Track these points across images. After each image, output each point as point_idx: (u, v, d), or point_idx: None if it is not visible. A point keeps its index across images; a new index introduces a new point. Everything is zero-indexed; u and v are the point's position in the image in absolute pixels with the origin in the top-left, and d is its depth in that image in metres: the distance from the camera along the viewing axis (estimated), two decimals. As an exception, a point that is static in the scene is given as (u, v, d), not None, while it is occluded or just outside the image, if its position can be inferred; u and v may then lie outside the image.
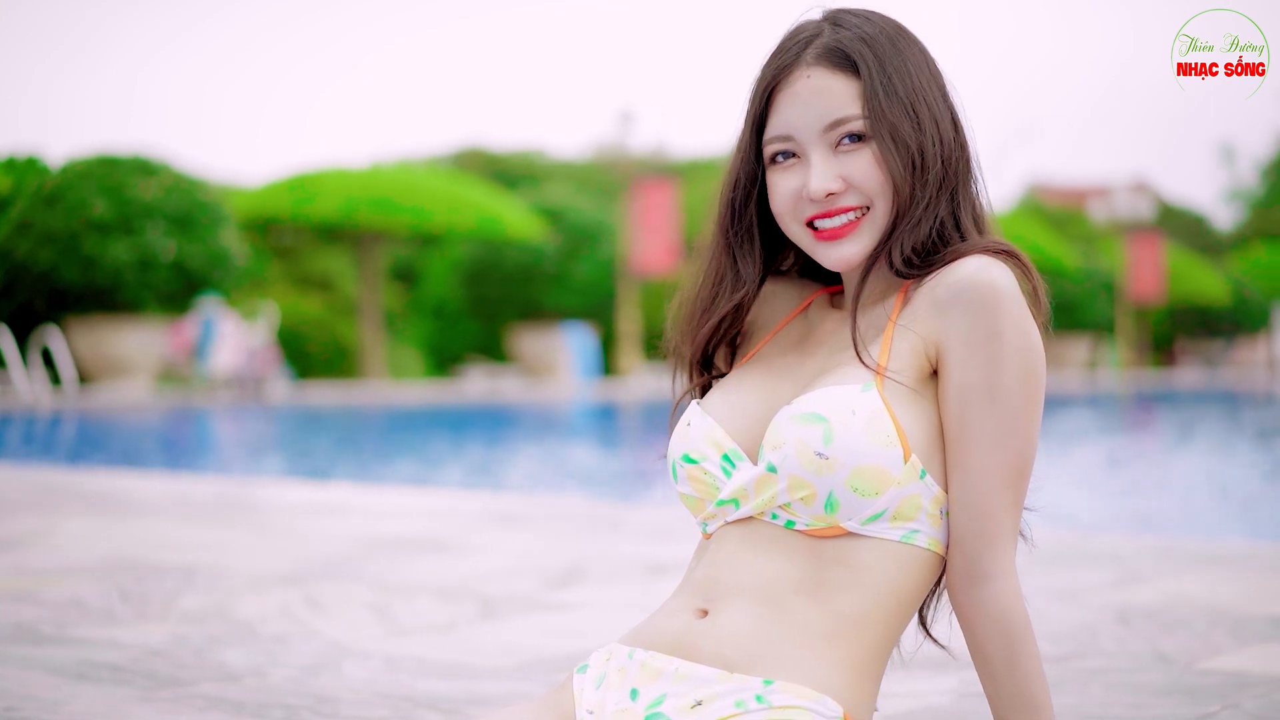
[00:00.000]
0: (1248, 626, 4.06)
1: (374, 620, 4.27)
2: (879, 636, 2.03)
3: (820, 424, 1.96)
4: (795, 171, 2.08)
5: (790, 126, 2.07)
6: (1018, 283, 2.02)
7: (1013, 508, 2.01)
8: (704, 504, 2.10)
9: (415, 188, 29.98)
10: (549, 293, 32.76)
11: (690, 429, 2.13)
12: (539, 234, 31.04)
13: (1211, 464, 13.92)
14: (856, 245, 2.07)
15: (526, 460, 14.31)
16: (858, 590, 2.00)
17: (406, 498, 8.32)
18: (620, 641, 2.11)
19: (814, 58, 2.07)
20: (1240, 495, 11.09)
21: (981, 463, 1.99)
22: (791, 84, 2.07)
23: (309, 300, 31.10)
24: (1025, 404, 2.00)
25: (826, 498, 1.97)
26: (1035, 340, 2.01)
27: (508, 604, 4.56)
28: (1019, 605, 2.01)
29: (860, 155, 2.05)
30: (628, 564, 5.45)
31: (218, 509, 7.45)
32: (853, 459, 1.95)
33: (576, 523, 6.99)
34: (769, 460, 2.00)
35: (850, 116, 2.04)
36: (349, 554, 5.66)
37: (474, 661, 3.72)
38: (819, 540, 2.00)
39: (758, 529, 2.04)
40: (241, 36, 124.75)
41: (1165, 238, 46.04)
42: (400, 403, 25.02)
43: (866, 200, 2.06)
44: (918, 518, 2.00)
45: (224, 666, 3.60)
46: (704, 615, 2.04)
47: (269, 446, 16.05)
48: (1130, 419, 23.60)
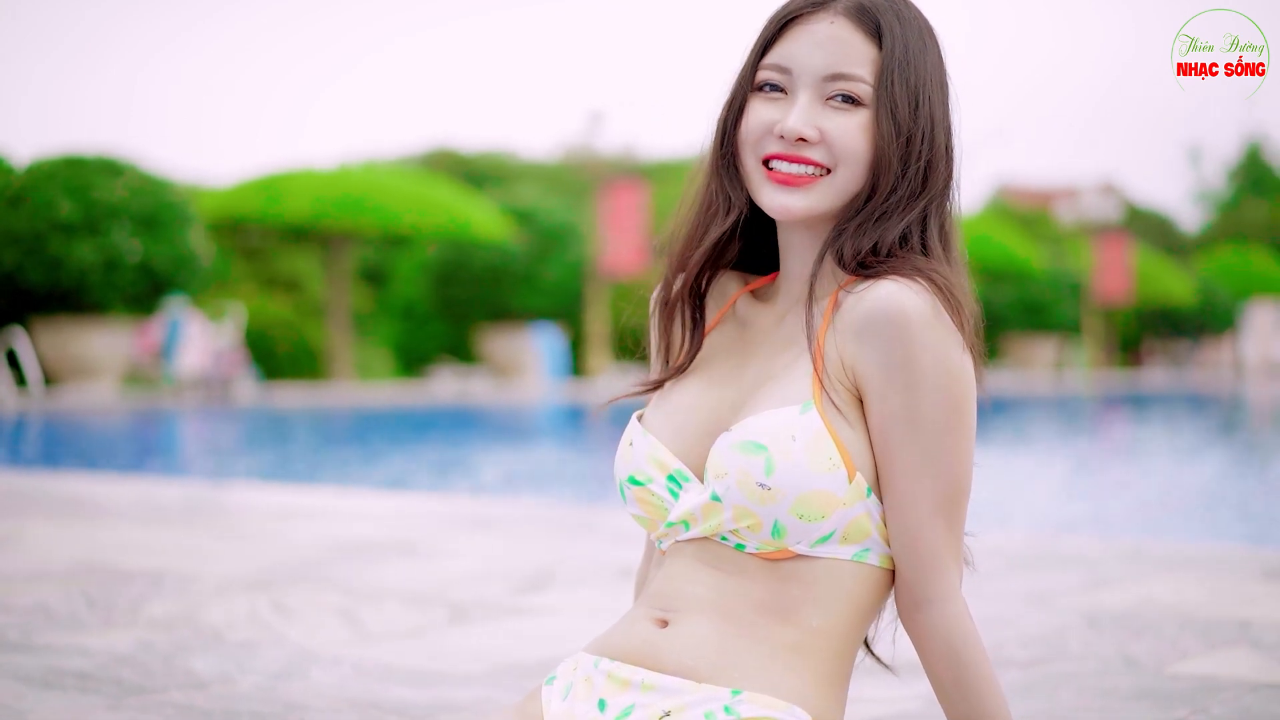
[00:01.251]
0: (1216, 630, 4.07)
1: (342, 626, 4.25)
2: (842, 646, 2.02)
3: (760, 454, 1.93)
4: (777, 105, 2.04)
5: (792, 60, 2.03)
6: (937, 305, 1.95)
7: (948, 533, 1.98)
8: (655, 524, 2.09)
9: (384, 188, 29.89)
10: (518, 294, 32.71)
11: (633, 449, 2.10)
12: (508, 235, 30.99)
13: (1179, 466, 13.97)
14: (803, 200, 2.02)
15: (496, 462, 14.28)
16: (817, 605, 1.99)
17: (375, 501, 8.29)
18: (585, 650, 2.09)
19: (844, 8, 2.03)
20: (1208, 498, 11.13)
21: (910, 491, 1.96)
22: (811, 23, 2.03)
23: (276, 301, 30.99)
24: (949, 430, 1.95)
25: (772, 526, 1.95)
26: (956, 364, 1.95)
27: (477, 609, 4.54)
28: (965, 626, 1.98)
29: (848, 117, 2.00)
30: (598, 567, 5.44)
31: (185, 512, 7.41)
32: (795, 488, 1.93)
33: (546, 526, 6.98)
34: (713, 489, 1.98)
35: (856, 76, 2.00)
36: (317, 558, 5.63)
37: (443, 668, 3.70)
38: (772, 561, 1.99)
39: (711, 548, 2.02)
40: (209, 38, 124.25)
41: (1132, 239, 46.24)
42: (369, 404, 24.96)
43: (832, 161, 2.01)
44: (870, 534, 1.98)
45: (192, 674, 3.58)
46: (664, 625, 2.03)
47: (237, 449, 15.98)
48: (1097, 420, 23.68)
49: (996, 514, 8.61)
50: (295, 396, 25.65)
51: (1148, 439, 18.76)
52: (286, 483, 10.55)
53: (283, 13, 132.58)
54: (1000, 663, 3.61)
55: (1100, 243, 44.08)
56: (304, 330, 30.67)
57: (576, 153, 36.40)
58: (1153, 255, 48.97)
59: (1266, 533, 8.77)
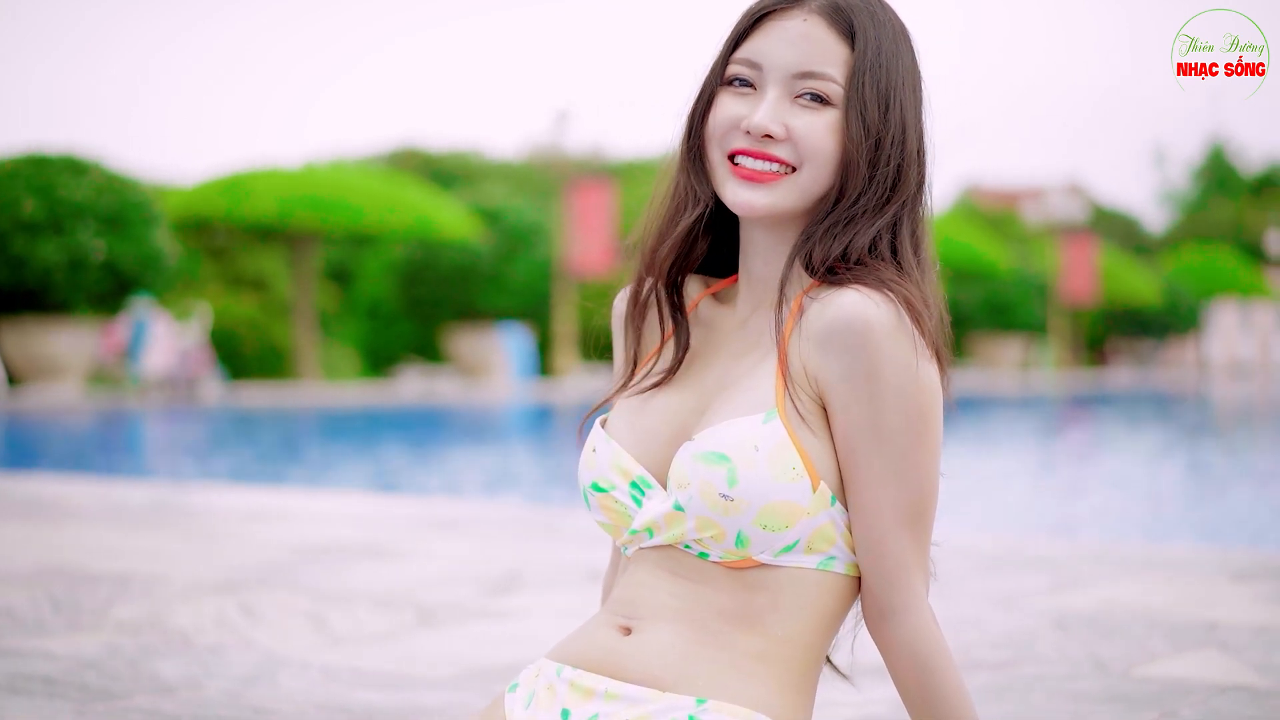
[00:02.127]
0: (1183, 632, 4.08)
1: (310, 629, 4.23)
2: (808, 654, 2.00)
3: (723, 464, 1.92)
4: (745, 100, 2.01)
5: (763, 56, 2.00)
6: (901, 315, 1.92)
7: (914, 544, 1.97)
8: (619, 530, 2.07)
9: (350, 188, 29.81)
10: (485, 293, 32.66)
11: (596, 455, 2.08)
12: (475, 234, 30.94)
13: (1144, 467, 14.03)
14: (767, 197, 2.00)
15: (463, 463, 14.26)
16: (782, 613, 1.97)
17: (342, 502, 8.26)
18: (548, 657, 2.07)
19: (818, 6, 2.00)
20: (1172, 499, 11.18)
21: (874, 502, 1.94)
22: (784, 19, 2.01)
23: (242, 301, 30.87)
24: (914, 441, 1.93)
25: (736, 536, 1.93)
26: (921, 375, 1.93)
27: (446, 612, 4.52)
28: (932, 637, 1.97)
29: (816, 116, 1.98)
30: (566, 570, 5.42)
31: (151, 514, 7.37)
32: (759, 499, 1.91)
33: (514, 528, 6.96)
34: (676, 499, 1.96)
35: (827, 75, 1.98)
36: (284, 561, 5.61)
37: (412, 672, 3.69)
38: (736, 570, 1.98)
39: (675, 555, 2.00)
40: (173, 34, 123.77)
41: (1098, 239, 46.44)
42: (335, 404, 24.89)
43: (798, 160, 1.99)
44: (835, 542, 1.97)
45: (158, 678, 3.55)
46: (627, 633, 2.01)
47: (203, 449, 15.91)
48: (1062, 420, 23.77)
49: (962, 515, 8.63)
50: (261, 396, 25.57)
51: (1113, 439, 18.85)
52: (253, 484, 10.51)
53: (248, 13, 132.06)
54: (970, 665, 3.62)
55: (1066, 243, 44.27)
56: (270, 330, 30.56)
57: (543, 152, 36.39)
58: (1118, 255, 49.21)
59: (1230, 532, 8.81)
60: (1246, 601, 4.61)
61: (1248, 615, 4.35)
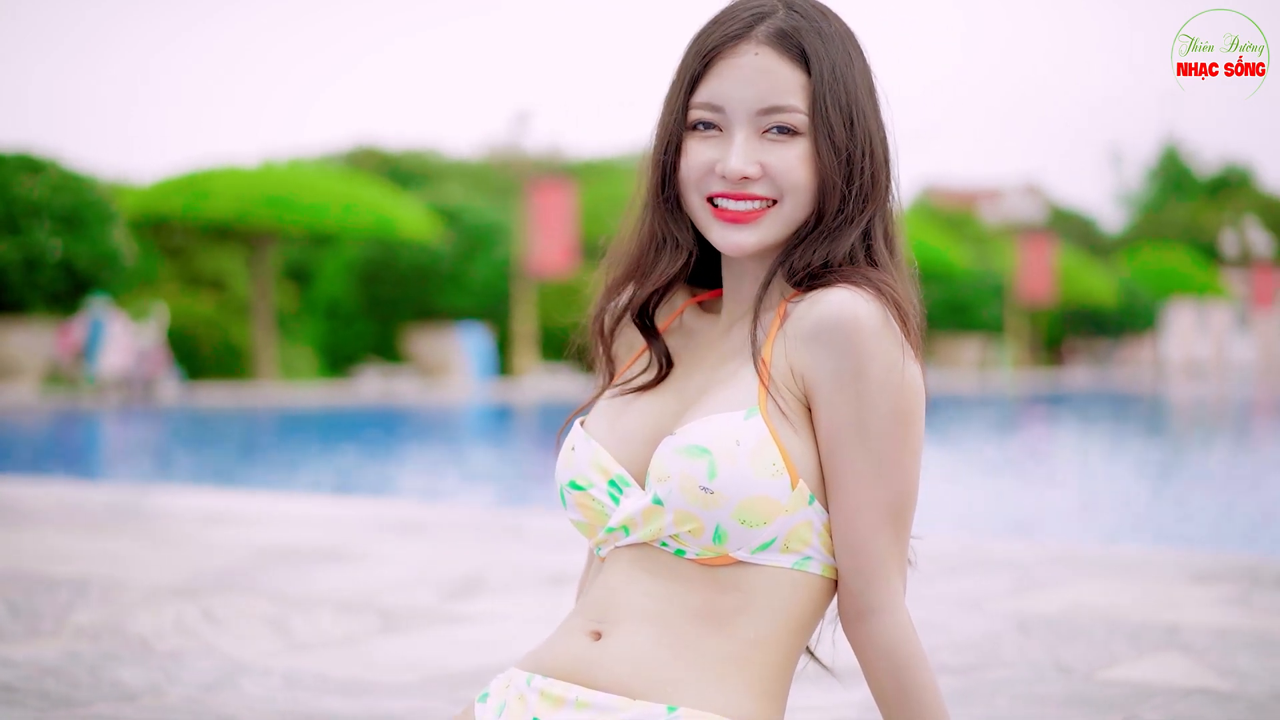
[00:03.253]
0: (1145, 635, 4.10)
1: (272, 635, 4.21)
2: (780, 658, 2.00)
3: (704, 457, 1.92)
4: (714, 144, 2.01)
5: (723, 98, 2.00)
6: (887, 314, 1.95)
7: (894, 544, 1.98)
8: (594, 529, 2.07)
9: (309, 187, 29.69)
10: (444, 293, 32.58)
11: (575, 453, 2.08)
12: (434, 234, 30.87)
13: (1102, 467, 14.10)
14: (754, 235, 2.01)
15: (424, 464, 14.22)
16: (755, 615, 1.97)
17: (302, 505, 8.22)
18: (518, 666, 2.07)
19: (765, 36, 2.00)
20: (1128, 499, 11.24)
21: (857, 501, 1.95)
22: (736, 55, 2.00)
23: (200, 300, 30.70)
24: (898, 440, 1.95)
25: (714, 530, 1.94)
26: (906, 375, 1.95)
27: (408, 616, 4.51)
28: (908, 637, 1.98)
29: (787, 149, 1.99)
30: (529, 573, 5.41)
31: (109, 517, 7.32)
32: (738, 492, 1.91)
33: (476, 530, 6.94)
34: (655, 493, 1.97)
35: (790, 107, 1.98)
36: (245, 565, 5.58)
37: (376, 677, 3.67)
38: (712, 567, 1.98)
39: (651, 554, 2.00)
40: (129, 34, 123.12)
41: (1056, 240, 46.66)
42: (294, 404, 24.79)
43: (778, 193, 2.00)
44: (811, 542, 1.97)
45: (120, 685, 3.53)
46: (598, 638, 2.01)
47: (160, 451, 15.83)
48: (1020, 420, 23.87)
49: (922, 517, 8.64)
50: (219, 396, 25.45)
51: (1071, 440, 18.94)
52: (212, 486, 10.46)
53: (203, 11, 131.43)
54: (934, 669, 3.61)
55: (1024, 243, 44.46)
56: (228, 330, 30.41)
57: (502, 152, 36.32)
58: (1076, 255, 49.44)
59: (1186, 533, 8.86)
60: (1207, 604, 4.63)
61: (1209, 617, 4.37)
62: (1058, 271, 45.32)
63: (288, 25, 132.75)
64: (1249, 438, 19.78)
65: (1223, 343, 60.19)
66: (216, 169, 29.36)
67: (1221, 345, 60.00)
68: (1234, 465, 14.43)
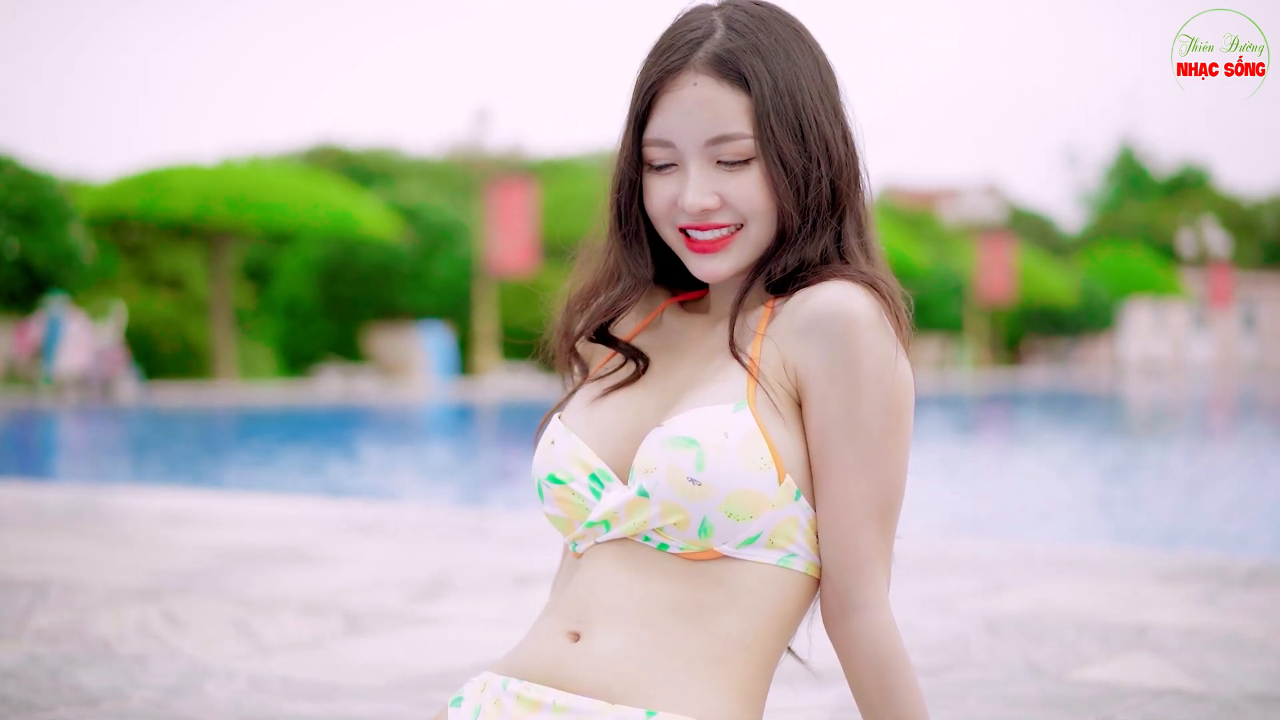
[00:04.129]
0: (1115, 635, 4.10)
1: (236, 637, 4.16)
2: (761, 659, 1.99)
3: (692, 448, 1.91)
4: (673, 179, 2.01)
5: (671, 133, 1.99)
6: (881, 309, 1.95)
7: (881, 539, 1.97)
8: (573, 525, 2.04)
9: (268, 185, 29.53)
10: (405, 292, 32.48)
11: (555, 447, 2.06)
12: (395, 233, 30.76)
13: (1060, 467, 14.15)
14: (727, 262, 2.02)
15: (385, 464, 14.16)
16: (738, 612, 1.95)
17: (264, 505, 8.16)
18: (493, 670, 2.04)
19: (703, 65, 1.98)
20: (1089, 499, 11.27)
21: (845, 495, 1.94)
22: (677, 89, 1.99)
23: (159, 299, 30.51)
24: (888, 435, 1.94)
25: (700, 523, 1.92)
26: (898, 370, 1.95)
27: (374, 618, 4.47)
28: (892, 636, 1.96)
29: (742, 175, 1.98)
30: (494, 575, 5.38)
31: (69, 518, 7.25)
32: (726, 484, 1.90)
33: (439, 531, 6.90)
34: (640, 485, 1.95)
35: (736, 135, 1.97)
36: (207, 566, 5.52)
37: (341, 681, 3.63)
38: (695, 562, 1.96)
39: (631, 549, 1.98)
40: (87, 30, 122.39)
41: (1015, 239, 46.84)
42: (254, 404, 24.66)
43: (740, 219, 2.00)
44: (796, 539, 1.96)
45: (81, 689, 3.48)
46: (576, 639, 1.98)
47: (120, 451, 15.71)
48: (981, 420, 23.93)
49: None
50: (178, 396, 25.30)
51: (1030, 439, 19.00)
52: (173, 486, 10.38)
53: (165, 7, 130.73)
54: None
55: (983, 243, 44.61)
56: (186, 329, 30.23)
57: (463, 150, 36.23)
58: (1035, 255, 49.64)
59: (1147, 531, 8.89)
60: (1175, 603, 4.63)
61: (1177, 617, 4.37)
62: (1017, 271, 45.50)
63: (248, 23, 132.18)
64: (1206, 437, 19.88)
65: (1180, 342, 60.55)
66: (175, 167, 29.18)
67: (1179, 344, 60.35)
68: (1191, 464, 14.50)
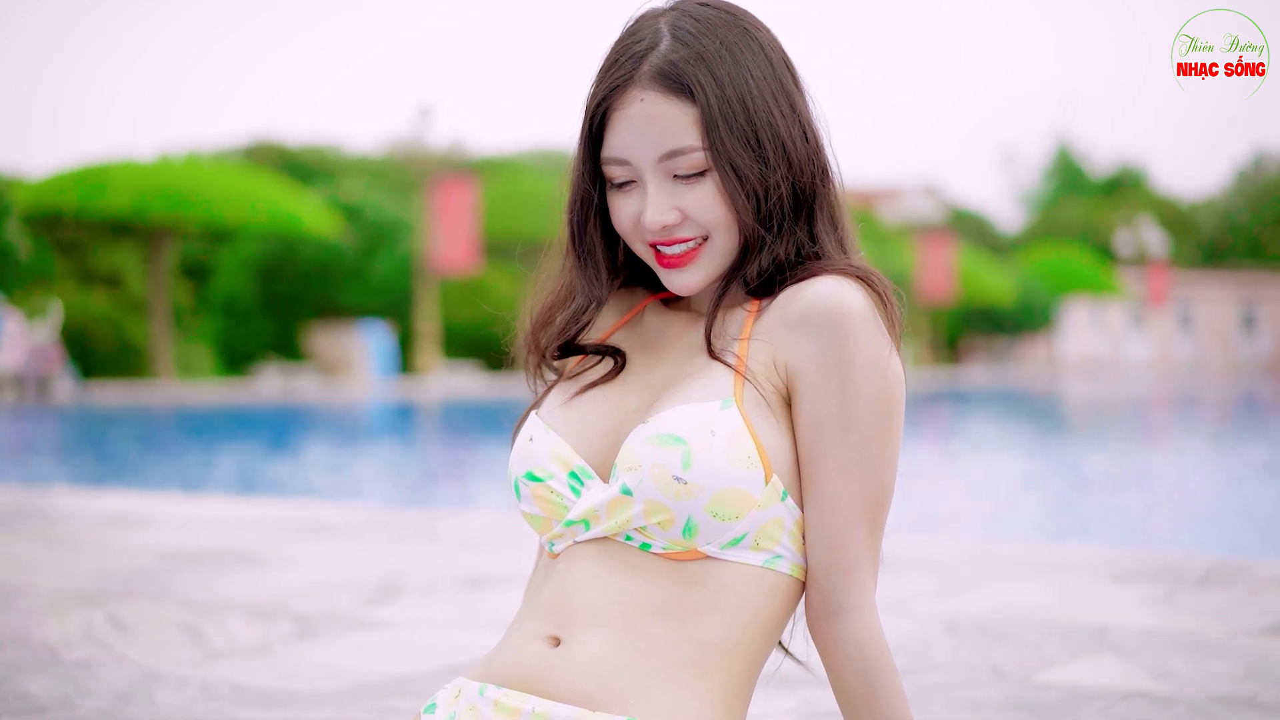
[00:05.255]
0: (1076, 636, 4.07)
1: (185, 642, 4.08)
2: (745, 664, 1.94)
3: (679, 446, 1.86)
4: (634, 196, 1.98)
5: (626, 151, 1.95)
6: (874, 305, 1.92)
7: (870, 539, 1.93)
8: (551, 524, 1.99)
9: (207, 182, 29.27)
10: (346, 290, 32.28)
11: (533, 444, 2.01)
12: (335, 230, 30.56)
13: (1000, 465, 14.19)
14: (696, 274, 1.98)
15: (329, 464, 14.04)
16: (722, 615, 1.91)
17: (207, 506, 8.05)
18: (469, 676, 1.97)
19: (648, 79, 1.94)
20: (1030, 497, 11.31)
21: (836, 493, 1.90)
22: (625, 106, 1.95)
23: (96, 297, 30.17)
24: (881, 432, 1.91)
25: (685, 523, 1.87)
26: (892, 366, 1.92)
27: (325, 622, 4.39)
28: (879, 639, 1.92)
29: (700, 187, 1.94)
30: (446, 577, 5.30)
31: (8, 520, 7.12)
32: (713, 483, 1.85)
33: (388, 532, 6.81)
34: (624, 482, 1.89)
35: (687, 148, 1.93)
36: (152, 568, 5.43)
37: (295, 687, 3.55)
38: (678, 563, 1.91)
39: (612, 549, 1.93)
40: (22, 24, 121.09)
41: (955, 238, 47.07)
42: (193, 403, 24.45)
43: (704, 232, 1.96)
44: (781, 541, 1.91)
45: (27, 697, 3.39)
46: (556, 644, 1.92)
47: (58, 450, 15.51)
48: (922, 419, 24.02)
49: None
50: (116, 395, 25.05)
51: (973, 438, 19.07)
52: (114, 487, 10.24)
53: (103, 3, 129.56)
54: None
55: (923, 242, 44.80)
56: (124, 327, 29.93)
57: (404, 147, 36.04)
58: (975, 254, 49.89)
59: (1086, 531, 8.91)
60: (1133, 604, 4.62)
61: (1136, 618, 4.35)
62: (956, 270, 45.71)
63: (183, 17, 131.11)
64: (1143, 435, 20.02)
65: (1118, 341, 61.01)
66: (112, 163, 28.89)
67: (1116, 343, 60.81)
68: (1129, 463, 14.58)
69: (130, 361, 29.59)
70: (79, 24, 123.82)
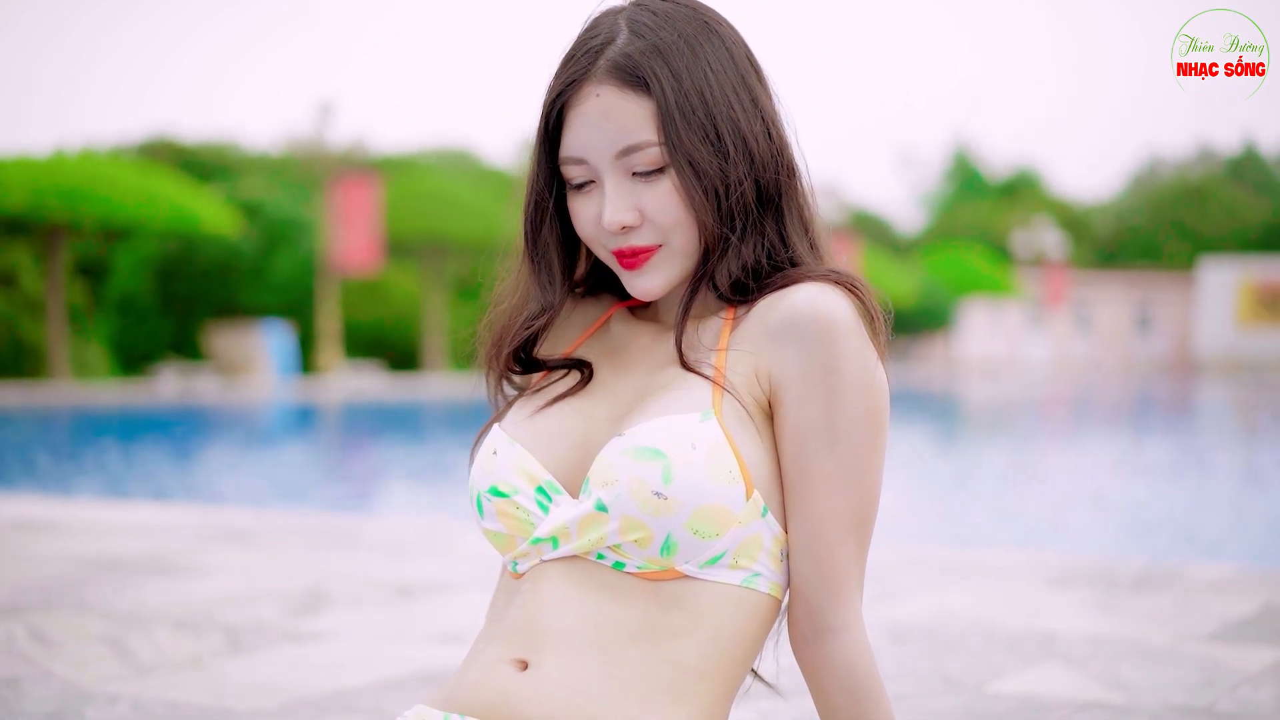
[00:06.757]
0: (1023, 644, 4.03)
1: (112, 656, 3.94)
2: (722, 688, 1.86)
3: (659, 460, 1.77)
4: (594, 197, 1.90)
5: (583, 149, 1.88)
6: (858, 314, 1.85)
7: (857, 554, 1.86)
8: (516, 541, 1.90)
9: (103, 178, 28.77)
10: (245, 289, 31.91)
11: (497, 458, 1.92)
12: (234, 229, 30.17)
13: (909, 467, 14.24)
14: (657, 278, 1.90)
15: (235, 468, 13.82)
16: (698, 637, 1.83)
17: (120, 513, 7.85)
18: (431, 704, 1.87)
19: (604, 74, 1.86)
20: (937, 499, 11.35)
21: (823, 508, 1.83)
22: (580, 102, 1.87)
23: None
24: (868, 443, 1.84)
25: (664, 540, 1.79)
26: (878, 375, 1.85)
27: (254, 634, 4.26)
28: (867, 658, 1.86)
29: (658, 185, 1.86)
30: (372, 585, 5.19)
31: (-89, 527, 6.90)
32: (694, 499, 1.77)
33: (309, 538, 6.67)
34: (598, 498, 1.81)
35: (644, 143, 1.85)
36: (68, 578, 5.27)
37: (231, 704, 3.43)
38: (653, 582, 1.82)
39: (582, 568, 1.84)
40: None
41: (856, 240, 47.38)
42: (90, 404, 24.03)
43: (663, 235, 1.88)
44: (759, 559, 1.84)
45: (-49, 718, 3.25)
46: (524, 667, 1.83)
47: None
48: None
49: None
50: (10, 396, 24.57)
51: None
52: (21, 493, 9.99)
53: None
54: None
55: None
56: (19, 327, 29.38)
57: (304, 145, 35.69)
58: (875, 255, 50.25)
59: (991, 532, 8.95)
60: (1074, 609, 4.59)
61: (1080, 625, 4.33)
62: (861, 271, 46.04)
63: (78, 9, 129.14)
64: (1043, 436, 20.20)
65: (1016, 341, 61.67)
66: (6, 159, 28.33)
67: (1015, 343, 61.46)
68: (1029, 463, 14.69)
69: (25, 362, 29.05)
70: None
